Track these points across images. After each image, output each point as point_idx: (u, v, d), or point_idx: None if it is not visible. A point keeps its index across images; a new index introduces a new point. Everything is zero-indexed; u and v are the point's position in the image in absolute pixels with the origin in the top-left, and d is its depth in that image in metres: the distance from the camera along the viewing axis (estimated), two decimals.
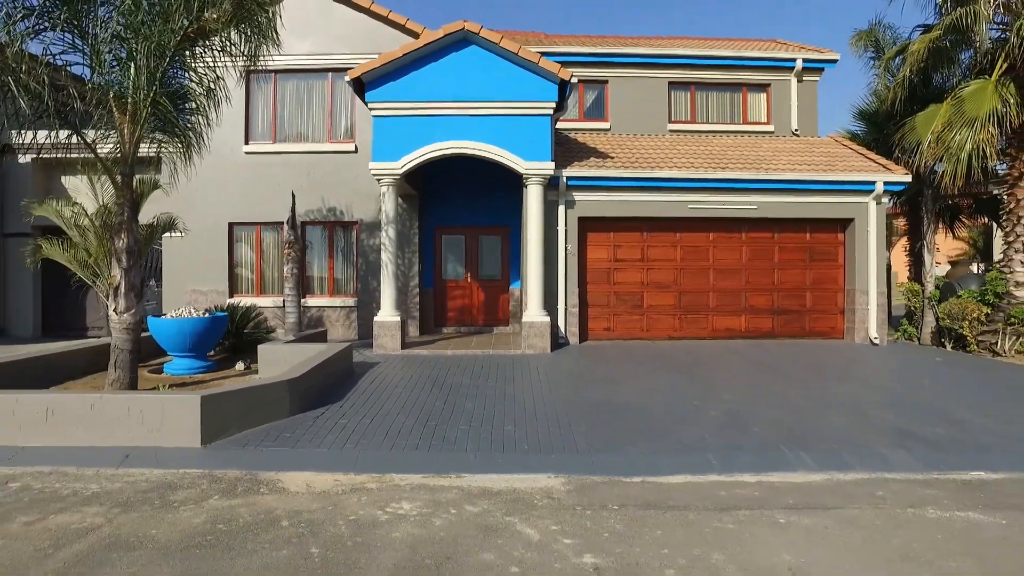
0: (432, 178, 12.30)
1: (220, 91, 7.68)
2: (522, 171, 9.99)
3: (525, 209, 10.45)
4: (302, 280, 11.69)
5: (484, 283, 12.84)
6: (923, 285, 12.32)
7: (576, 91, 12.82)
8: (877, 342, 10.88)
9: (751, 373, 8.81)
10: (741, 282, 11.36)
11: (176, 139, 7.96)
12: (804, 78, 13.45)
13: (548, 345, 9.99)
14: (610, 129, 13.39)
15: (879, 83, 12.73)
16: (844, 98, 64.52)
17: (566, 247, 10.72)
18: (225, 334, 9.62)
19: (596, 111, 13.60)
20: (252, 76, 11.74)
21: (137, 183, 7.62)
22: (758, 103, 13.71)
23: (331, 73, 12.30)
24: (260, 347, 8.47)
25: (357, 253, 12.35)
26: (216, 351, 9.72)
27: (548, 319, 10.11)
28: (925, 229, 12.45)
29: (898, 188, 10.98)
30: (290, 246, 10.74)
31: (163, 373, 8.52)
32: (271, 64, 9.24)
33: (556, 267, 10.67)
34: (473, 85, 9.90)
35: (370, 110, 10.07)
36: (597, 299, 11.26)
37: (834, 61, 13.30)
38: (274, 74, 12.15)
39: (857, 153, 11.98)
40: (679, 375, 8.57)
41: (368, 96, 9.93)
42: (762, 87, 13.63)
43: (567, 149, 11.55)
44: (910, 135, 11.07)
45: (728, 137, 13.14)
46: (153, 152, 8.26)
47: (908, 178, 10.76)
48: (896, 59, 12.17)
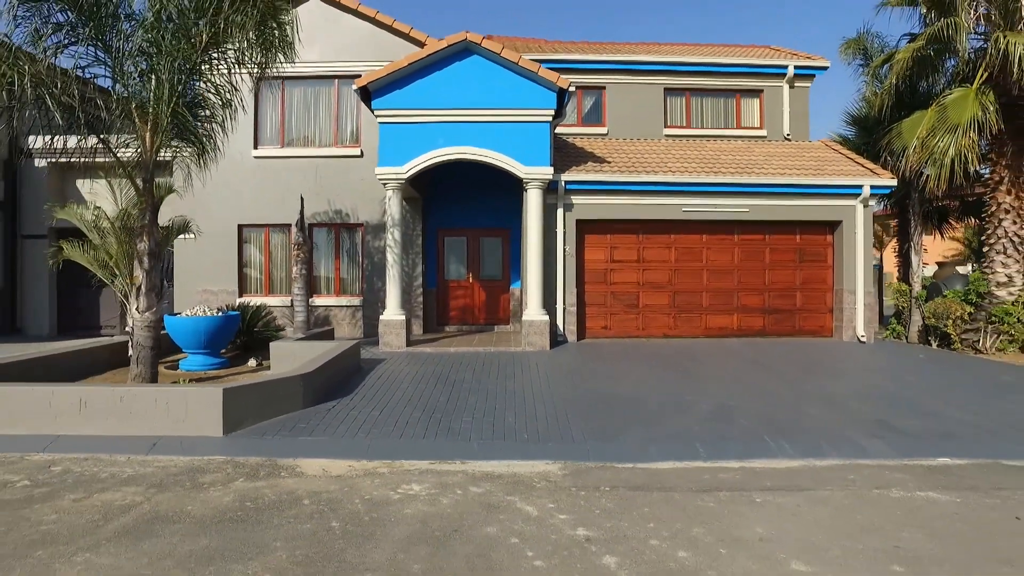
0: (435, 182, 12.71)
1: (236, 101, 8.10)
2: (522, 176, 10.40)
3: (525, 212, 10.86)
4: (310, 280, 12.10)
5: (485, 283, 13.25)
6: (910, 285, 12.73)
7: (574, 97, 13.23)
8: (864, 340, 11.29)
9: (741, 369, 9.21)
10: (733, 282, 11.77)
11: (192, 145, 8.39)
12: (796, 84, 13.86)
13: (547, 343, 10.40)
14: (607, 134, 13.80)
15: (868, 90, 13.16)
16: (837, 102, 64.96)
17: (564, 248, 11.14)
18: (237, 332, 10.02)
19: (594, 116, 14.02)
20: (261, 83, 12.13)
21: (154, 187, 8.03)
22: (751, 108, 14.12)
23: (337, 79, 12.72)
24: (272, 344, 8.88)
25: (362, 254, 12.76)
26: (228, 348, 10.12)
27: (547, 318, 10.52)
28: (912, 231, 12.86)
29: (884, 192, 11.39)
30: (299, 248, 11.15)
31: (178, 369, 8.91)
32: (280, 71, 9.65)
33: (555, 268, 11.08)
34: (475, 93, 10.31)
35: (376, 117, 10.49)
36: (594, 299, 11.67)
37: (824, 68, 13.70)
38: (282, 81, 12.55)
39: (846, 157, 12.39)
40: (672, 371, 8.97)
41: (374, 104, 10.34)
42: (755, 93, 14.04)
43: (565, 154, 11.96)
44: (897, 140, 11.48)
45: (722, 142, 13.54)
46: (168, 157, 8.65)
47: (894, 182, 11.16)
48: (883, 67, 12.59)
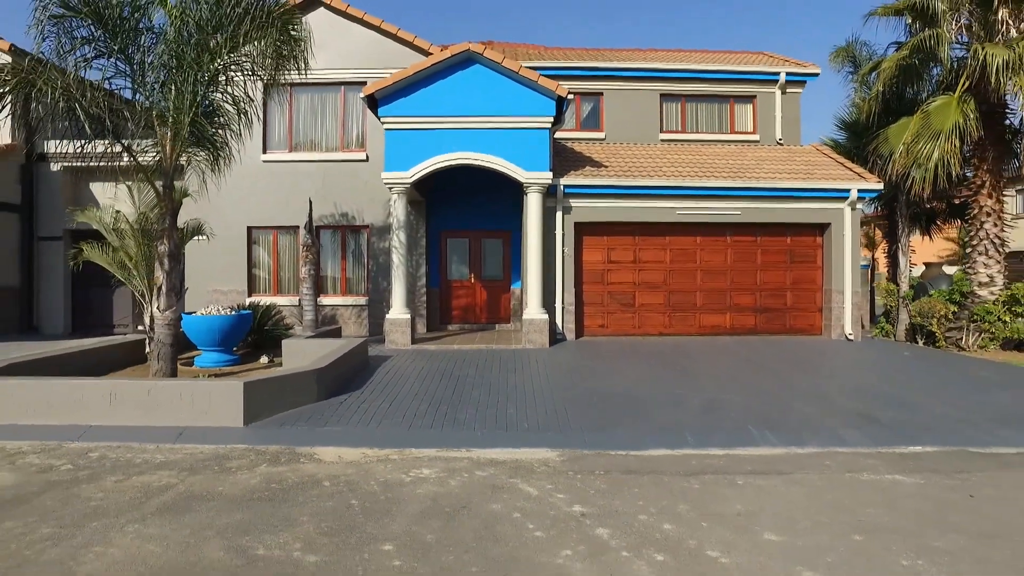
0: (438, 185, 13.10)
1: (251, 111, 8.51)
2: (522, 180, 10.83)
3: (525, 215, 11.29)
4: (317, 280, 12.51)
5: (487, 283, 13.68)
6: (898, 285, 13.17)
7: (573, 103, 13.64)
8: (852, 338, 11.72)
9: (733, 366, 9.64)
10: (726, 282, 12.20)
11: (208, 151, 8.81)
12: (788, 90, 14.29)
13: (547, 340, 10.83)
14: (605, 138, 14.23)
15: (856, 96, 13.59)
16: (830, 106, 65.49)
17: (563, 250, 11.56)
18: (248, 330, 10.43)
19: (592, 121, 14.45)
20: (271, 89, 12.55)
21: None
22: (745, 114, 14.55)
23: (344, 86, 13.14)
24: (284, 342, 9.30)
25: (368, 255, 13.19)
26: (239, 346, 10.53)
27: (547, 317, 10.95)
28: (900, 232, 13.30)
29: (871, 195, 11.83)
30: (307, 249, 11.57)
31: (193, 366, 9.33)
32: (289, 79, 10.05)
33: (554, 268, 11.51)
34: (477, 101, 10.74)
35: (382, 124, 10.91)
36: (592, 298, 12.10)
37: (815, 74, 14.14)
38: (290, 87, 12.94)
39: (835, 162, 12.82)
40: (666, 368, 9.40)
41: (381, 111, 10.77)
42: (748, 99, 14.47)
43: (564, 158, 12.39)
44: (884, 145, 11.92)
45: (716, 146, 13.98)
46: (182, 162, 9.04)
47: (880, 186, 11.60)
48: (871, 74, 13.02)
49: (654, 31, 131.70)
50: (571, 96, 10.61)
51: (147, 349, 9.76)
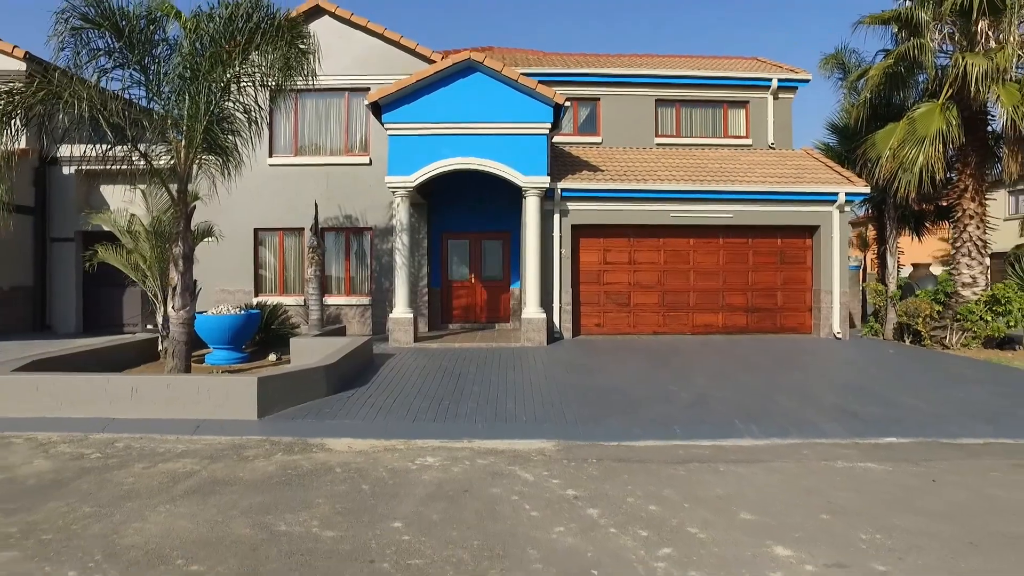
0: (440, 188, 13.46)
1: (260, 119, 8.88)
2: (521, 184, 11.22)
3: (524, 217, 11.67)
4: (323, 281, 12.89)
5: (487, 283, 14.06)
6: (886, 285, 13.56)
7: (571, 109, 14.03)
8: (840, 336, 12.11)
9: (723, 363, 10.02)
10: (718, 283, 12.60)
11: (218, 157, 9.17)
12: (780, 96, 14.68)
13: (544, 339, 11.21)
14: (602, 142, 14.61)
15: (845, 102, 13.97)
16: (823, 110, 66.11)
17: (561, 251, 11.95)
18: (256, 329, 10.81)
19: (589, 126, 14.84)
20: (277, 96, 12.90)
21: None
22: (738, 118, 14.94)
23: (348, 92, 13.52)
24: (292, 340, 9.68)
25: (371, 256, 13.57)
26: (247, 344, 10.90)
27: (545, 316, 11.33)
28: (888, 234, 13.69)
29: (859, 198, 12.21)
30: (313, 251, 11.95)
31: (204, 363, 9.70)
32: (294, 85, 10.41)
33: (552, 269, 11.90)
34: (477, 107, 11.12)
35: (386, 130, 11.30)
36: (589, 298, 12.49)
37: (807, 81, 14.53)
38: (296, 93, 13.29)
39: (825, 166, 13.21)
40: (659, 365, 9.79)
41: (384, 118, 11.15)
42: (741, 104, 14.86)
43: (562, 163, 12.77)
44: (871, 150, 12.30)
45: (710, 150, 14.36)
46: (193, 166, 9.40)
47: (867, 189, 11.99)
48: (859, 81, 13.41)
49: (653, 31, 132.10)
50: (568, 103, 11.00)
51: (159, 347, 10.14)
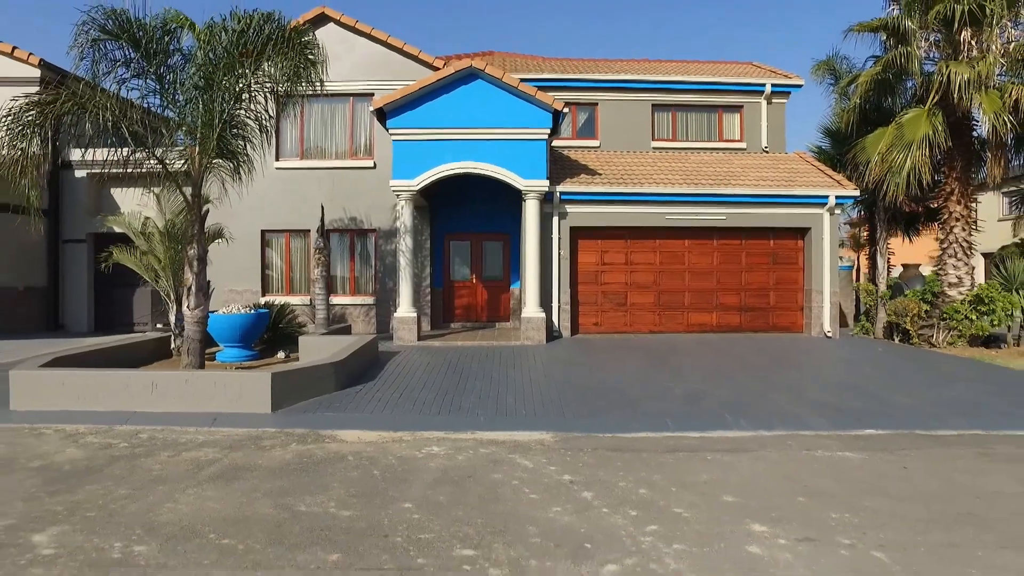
0: (442, 191, 13.85)
1: (270, 126, 9.25)
2: (521, 188, 11.58)
3: (524, 219, 12.04)
4: (329, 281, 13.26)
5: (488, 283, 14.43)
6: (877, 285, 13.92)
7: (569, 114, 14.41)
8: (831, 335, 12.48)
9: (717, 361, 10.39)
10: (712, 283, 12.97)
11: (230, 161, 9.54)
12: (773, 100, 15.06)
13: (544, 337, 11.58)
14: (600, 146, 14.98)
15: (837, 106, 14.34)
16: (816, 114, 66.47)
17: (559, 252, 12.32)
18: (265, 328, 11.17)
19: (587, 130, 15.21)
20: (284, 102, 13.27)
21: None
22: (732, 123, 15.32)
23: (352, 97, 13.89)
24: (301, 338, 10.05)
25: (375, 257, 13.94)
26: (256, 342, 11.26)
27: (544, 315, 11.70)
28: (878, 236, 14.05)
29: (848, 201, 12.59)
30: (319, 252, 12.32)
31: (215, 361, 10.05)
32: (299, 90, 10.77)
33: (551, 270, 12.27)
34: (479, 113, 11.49)
35: (391, 135, 11.66)
36: (587, 298, 12.87)
37: (799, 86, 14.90)
38: (301, 98, 13.65)
39: (816, 169, 13.57)
40: (654, 362, 10.15)
41: (389, 123, 11.51)
42: (736, 108, 15.23)
43: (561, 166, 13.14)
44: (861, 154, 12.67)
45: (705, 154, 14.73)
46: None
47: (856, 192, 12.35)
48: (850, 87, 13.77)
49: (653, 32, 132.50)
50: (567, 109, 11.36)
51: (172, 345, 10.50)
